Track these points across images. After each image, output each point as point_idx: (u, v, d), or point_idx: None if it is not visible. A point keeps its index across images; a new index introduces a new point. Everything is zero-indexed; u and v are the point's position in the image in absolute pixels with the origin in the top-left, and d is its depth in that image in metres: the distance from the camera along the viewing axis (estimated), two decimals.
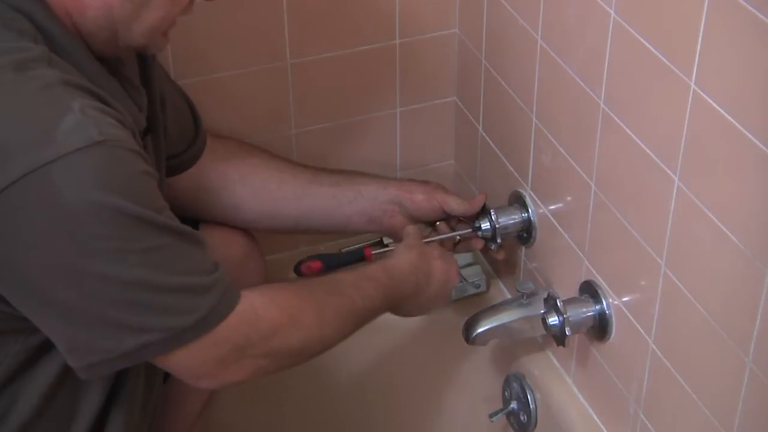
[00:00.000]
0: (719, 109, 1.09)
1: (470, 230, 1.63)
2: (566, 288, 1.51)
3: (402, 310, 1.50)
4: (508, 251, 1.70)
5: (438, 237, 1.63)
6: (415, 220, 1.63)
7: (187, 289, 1.17)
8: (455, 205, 1.62)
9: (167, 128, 1.46)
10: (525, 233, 1.61)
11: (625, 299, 1.39)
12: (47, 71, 1.12)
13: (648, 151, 1.24)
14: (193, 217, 1.55)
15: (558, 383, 1.60)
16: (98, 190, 1.08)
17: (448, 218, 1.65)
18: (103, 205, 1.08)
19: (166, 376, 1.42)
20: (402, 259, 1.48)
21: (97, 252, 1.11)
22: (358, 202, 1.61)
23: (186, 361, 1.21)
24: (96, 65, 1.21)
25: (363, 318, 1.39)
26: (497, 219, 1.59)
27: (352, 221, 1.64)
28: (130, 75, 1.31)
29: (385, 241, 1.71)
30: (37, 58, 1.12)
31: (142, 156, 1.15)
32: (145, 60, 1.38)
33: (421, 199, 1.62)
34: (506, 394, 1.69)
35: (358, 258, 1.65)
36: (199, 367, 1.23)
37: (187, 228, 1.20)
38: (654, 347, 1.33)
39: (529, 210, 1.59)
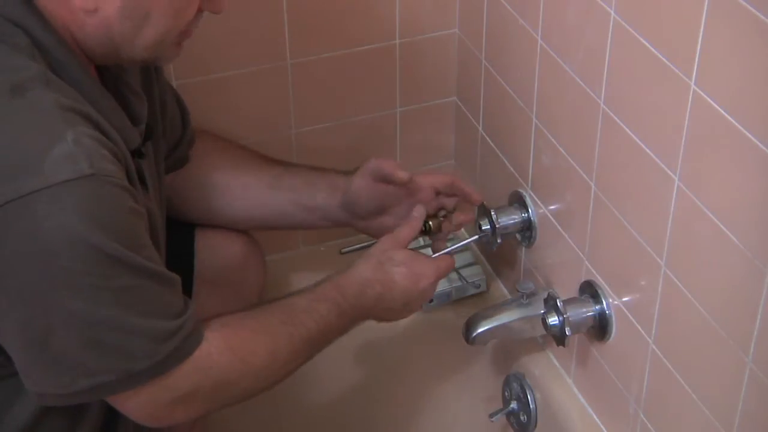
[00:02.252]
0: (719, 109, 1.09)
1: (476, 237, 1.61)
2: (566, 288, 1.51)
3: (376, 318, 1.47)
4: (508, 251, 1.70)
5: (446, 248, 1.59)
6: (367, 217, 1.58)
7: (152, 333, 1.16)
8: (388, 169, 1.51)
9: (165, 133, 1.45)
10: (525, 233, 1.61)
11: (625, 299, 1.39)
12: (43, 93, 1.10)
13: (648, 151, 1.24)
14: (176, 219, 1.53)
15: (558, 383, 1.60)
16: (79, 224, 1.07)
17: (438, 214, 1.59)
18: (81, 240, 1.07)
19: None
20: (355, 273, 1.43)
21: (70, 287, 1.10)
22: (318, 210, 1.57)
23: (134, 402, 1.21)
24: (92, 81, 1.19)
25: (319, 341, 1.37)
26: (497, 219, 1.59)
27: (318, 225, 1.61)
28: (130, 80, 1.30)
29: None
30: (34, 78, 1.10)
31: (130, 192, 1.14)
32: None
33: (364, 202, 1.55)
34: (506, 394, 1.69)
35: None
36: (146, 408, 1.22)
37: (163, 269, 1.19)
38: (654, 347, 1.33)
39: (529, 210, 1.59)
